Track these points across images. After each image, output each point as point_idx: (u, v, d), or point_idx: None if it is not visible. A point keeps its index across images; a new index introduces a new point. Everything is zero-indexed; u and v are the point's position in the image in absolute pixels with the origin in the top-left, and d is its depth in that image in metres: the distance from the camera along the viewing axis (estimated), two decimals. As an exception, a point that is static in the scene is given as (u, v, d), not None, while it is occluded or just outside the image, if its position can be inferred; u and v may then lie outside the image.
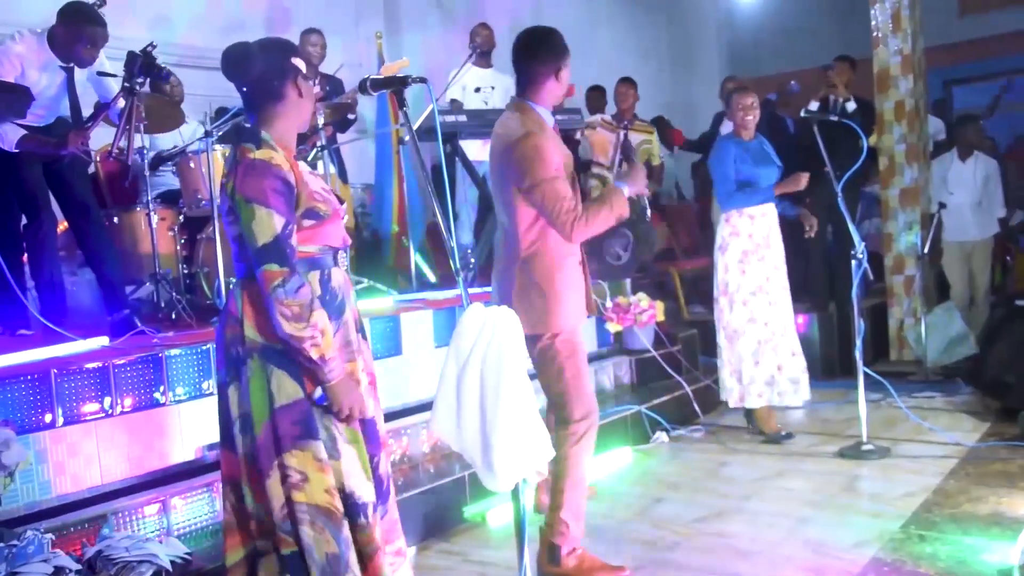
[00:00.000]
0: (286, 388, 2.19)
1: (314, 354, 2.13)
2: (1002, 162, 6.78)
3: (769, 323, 4.71)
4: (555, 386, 3.06)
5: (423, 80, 2.25)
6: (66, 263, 4.69)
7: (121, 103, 3.90)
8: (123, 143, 3.89)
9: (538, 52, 3.06)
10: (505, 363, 2.00)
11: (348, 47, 7.12)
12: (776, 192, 4.62)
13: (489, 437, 1.96)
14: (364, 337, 2.42)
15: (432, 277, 5.91)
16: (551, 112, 3.11)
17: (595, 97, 7.75)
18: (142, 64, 3.82)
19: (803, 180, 4.57)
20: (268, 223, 2.13)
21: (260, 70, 2.26)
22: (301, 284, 2.14)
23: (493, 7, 8.70)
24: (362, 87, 2.28)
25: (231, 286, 2.37)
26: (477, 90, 6.10)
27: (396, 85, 2.24)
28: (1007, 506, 3.55)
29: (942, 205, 6.38)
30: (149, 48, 3.85)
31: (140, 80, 3.85)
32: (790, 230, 4.99)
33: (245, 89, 2.28)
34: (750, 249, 4.68)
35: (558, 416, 3.10)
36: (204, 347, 3.51)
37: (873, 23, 6.67)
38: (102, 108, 4.01)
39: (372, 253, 6.29)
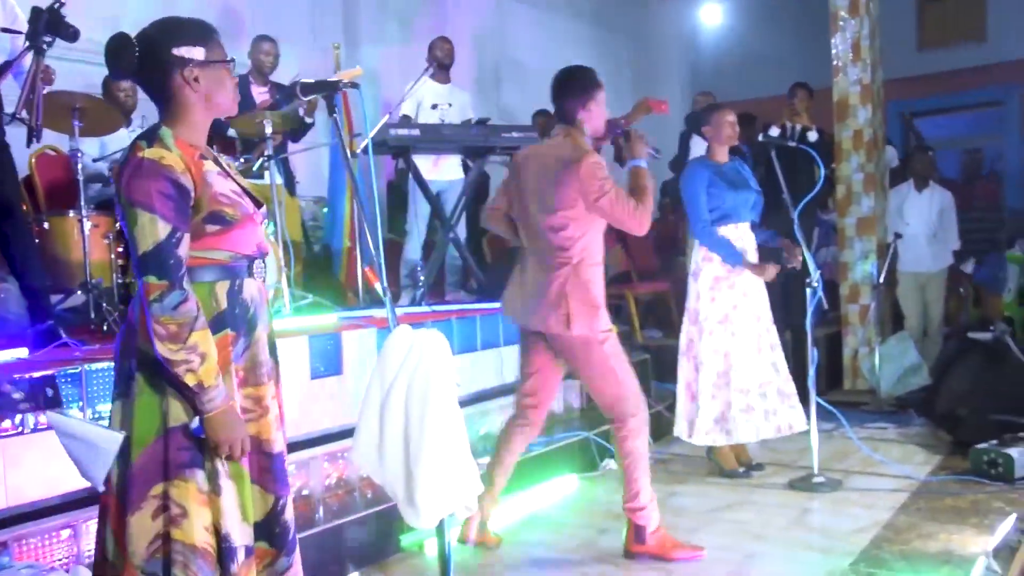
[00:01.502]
0: (175, 408, 1.98)
1: (189, 380, 1.92)
2: (957, 194, 6.80)
3: (729, 354, 4.43)
4: (609, 388, 3.41)
5: (355, 85, 2.11)
6: (-7, 270, 4.48)
7: (27, 63, 3.59)
8: (26, 116, 3.62)
9: (567, 88, 3.44)
10: (432, 390, 1.86)
11: (305, 57, 6.96)
12: (751, 270, 4.41)
13: (413, 470, 1.82)
14: (276, 361, 2.19)
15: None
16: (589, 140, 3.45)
17: (544, 123, 7.60)
18: (47, 21, 3.50)
19: (771, 272, 4.40)
20: (150, 230, 1.90)
21: (138, 63, 2.03)
22: (182, 300, 1.93)
23: (455, 23, 8.62)
24: (291, 91, 2.12)
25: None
26: (434, 107, 5.96)
27: (328, 89, 2.09)
28: (957, 543, 3.47)
29: (898, 235, 6.38)
30: (56, 5, 3.53)
31: (47, 39, 3.55)
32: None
33: (138, 84, 2.08)
34: (721, 275, 4.42)
35: (615, 416, 3.44)
36: (131, 362, 3.33)
37: (834, 51, 6.69)
38: (3, 67, 3.71)
39: (323, 268, 6.13)
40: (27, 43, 3.55)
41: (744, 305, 4.46)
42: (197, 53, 2.03)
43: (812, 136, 6.37)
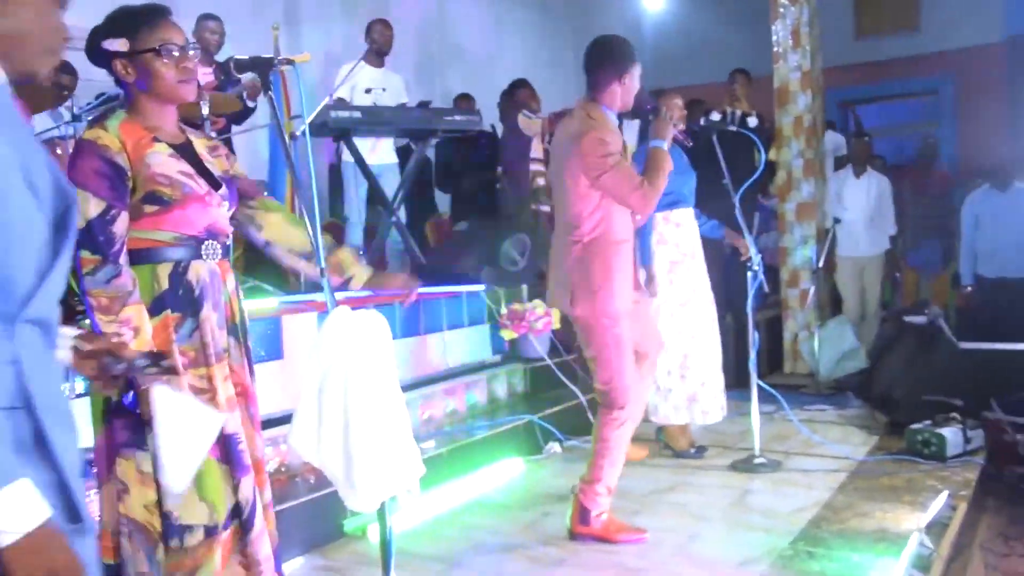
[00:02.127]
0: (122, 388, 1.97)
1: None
2: (892, 180, 6.93)
3: (695, 336, 4.49)
4: (604, 373, 3.37)
5: (290, 62, 2.07)
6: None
7: None
8: None
9: (604, 59, 3.35)
10: (371, 372, 1.82)
11: (243, 37, 6.81)
12: (726, 237, 4.51)
13: (352, 452, 1.78)
14: (240, 342, 2.20)
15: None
16: (616, 114, 3.40)
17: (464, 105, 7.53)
18: None
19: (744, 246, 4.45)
20: (84, 207, 1.95)
21: (92, 54, 2.11)
22: (115, 274, 1.96)
23: (399, 5, 8.51)
24: (226, 68, 2.07)
25: None
26: (368, 90, 5.87)
27: (262, 67, 2.04)
28: (891, 521, 3.54)
29: (837, 220, 6.48)
30: None
31: None
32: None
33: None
34: (677, 259, 4.45)
35: (602, 400, 3.42)
36: (62, 347, 3.22)
37: (774, 38, 6.75)
38: None
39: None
40: None
41: (701, 289, 4.51)
42: (120, 45, 2.07)
43: (752, 122, 6.43)
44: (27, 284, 1.17)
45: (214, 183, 2.15)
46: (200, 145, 2.21)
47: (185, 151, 2.14)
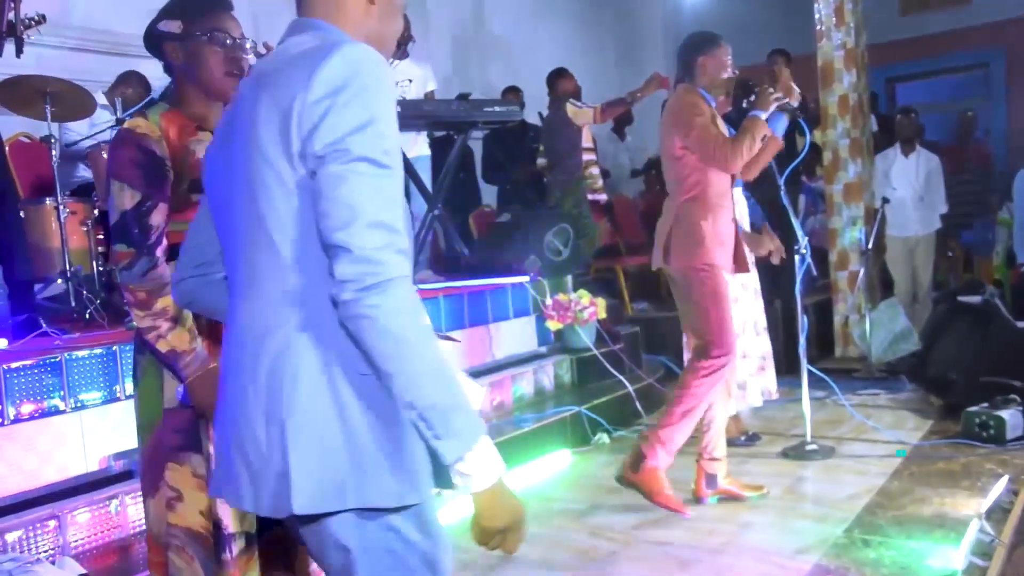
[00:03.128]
0: (169, 390, 1.97)
1: (161, 347, 1.92)
2: (949, 158, 6.77)
3: (742, 321, 4.35)
4: (698, 321, 3.50)
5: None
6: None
7: None
8: (11, 17, 3.54)
9: (686, 45, 3.69)
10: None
11: (280, 34, 6.85)
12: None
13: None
14: None
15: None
16: (708, 94, 3.64)
17: (514, 97, 7.52)
18: None
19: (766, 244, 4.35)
20: (119, 199, 1.92)
21: (148, 39, 2.08)
22: (150, 267, 1.92)
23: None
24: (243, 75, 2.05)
25: None
26: (395, 84, 5.86)
27: None
28: (950, 507, 3.46)
29: (885, 200, 6.34)
30: None
31: None
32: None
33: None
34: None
35: (696, 346, 3.55)
36: (113, 348, 3.27)
37: (817, 16, 6.62)
38: None
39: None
40: None
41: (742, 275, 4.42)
42: (174, 27, 2.02)
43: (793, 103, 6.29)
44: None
45: None
46: None
47: None
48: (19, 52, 3.73)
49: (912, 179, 6.50)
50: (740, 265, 3.64)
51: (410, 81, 5.86)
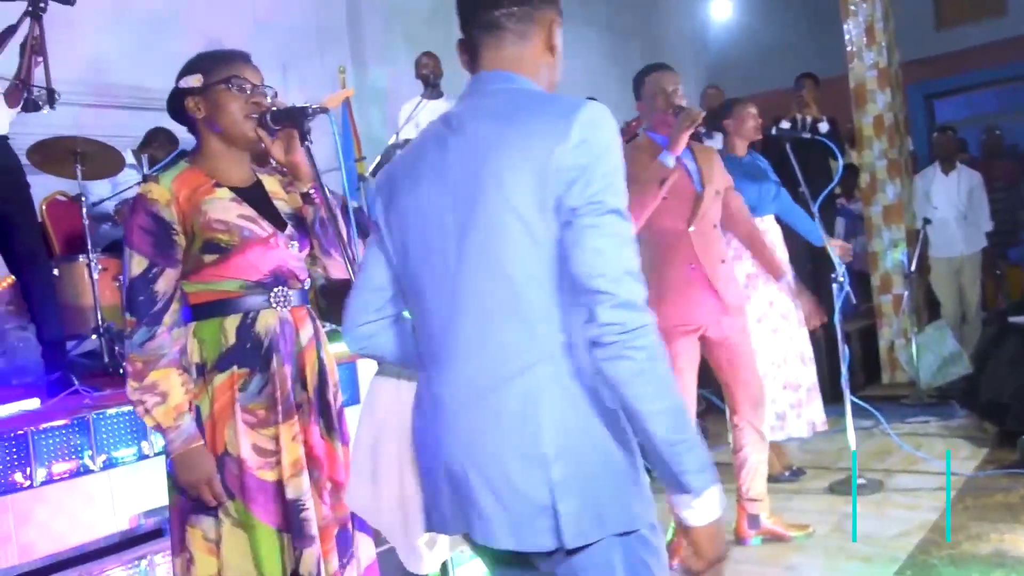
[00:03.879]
0: None
1: (147, 422, 1.93)
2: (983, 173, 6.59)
3: (771, 354, 4.23)
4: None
5: (324, 110, 2.01)
6: (14, 318, 4.46)
7: (25, 29, 3.52)
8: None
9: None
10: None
11: (311, 81, 6.93)
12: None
13: (409, 511, 1.71)
14: (312, 399, 2.08)
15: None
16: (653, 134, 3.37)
17: None
18: None
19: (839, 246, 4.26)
20: (129, 266, 1.94)
21: (171, 101, 2.11)
22: (148, 337, 1.91)
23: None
24: (262, 122, 2.02)
25: None
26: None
27: (297, 116, 1.99)
28: (1010, 543, 3.30)
29: (927, 221, 6.19)
30: None
31: (43, 3, 3.48)
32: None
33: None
34: (753, 273, 4.19)
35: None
36: (143, 405, 3.26)
37: (847, 37, 6.52)
38: (3, 35, 3.61)
39: (339, 294, 6.06)
40: (28, 8, 3.50)
41: (780, 301, 4.31)
42: (195, 80, 2.05)
43: (823, 127, 6.18)
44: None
45: (281, 224, 2.08)
46: (273, 183, 2.15)
47: (251, 193, 2.07)
48: (51, 104, 3.75)
49: (954, 198, 6.33)
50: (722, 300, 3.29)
51: None
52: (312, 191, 2.07)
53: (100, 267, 4.29)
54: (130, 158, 4.85)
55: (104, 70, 5.74)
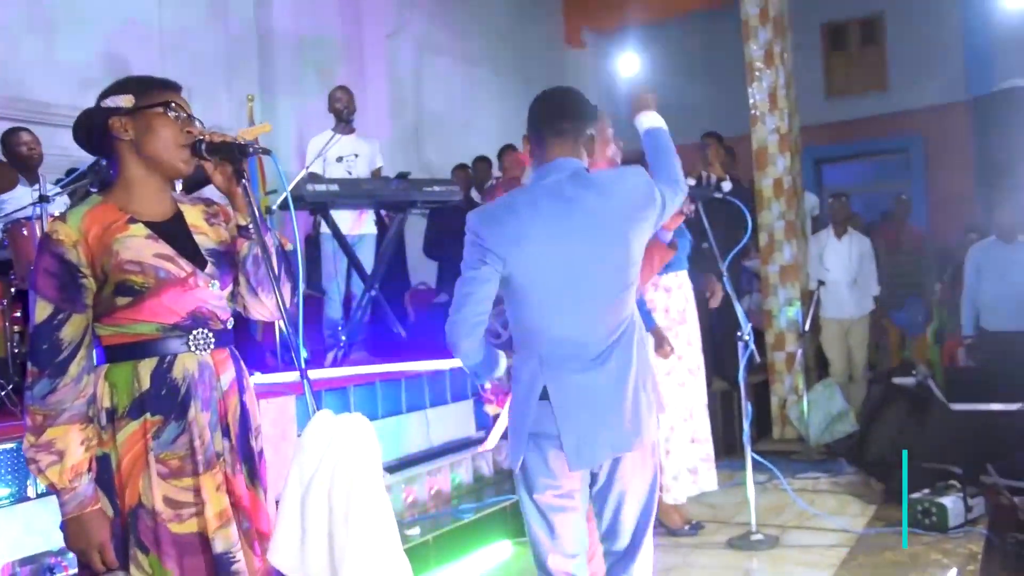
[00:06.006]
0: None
1: (40, 481, 1.80)
2: (884, 238, 6.92)
3: (679, 409, 4.33)
4: None
5: (267, 151, 1.91)
6: None
7: None
8: None
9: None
10: (356, 483, 1.68)
11: (217, 108, 6.75)
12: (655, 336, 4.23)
13: (338, 570, 1.63)
14: (235, 445, 1.95)
15: (303, 353, 5.50)
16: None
17: (482, 168, 7.53)
18: None
19: (666, 350, 4.17)
20: (33, 312, 1.81)
21: (83, 127, 1.96)
22: (50, 390, 1.79)
23: (373, 73, 8.51)
24: (195, 150, 1.91)
25: None
26: (339, 159, 5.76)
27: (234, 152, 1.88)
28: (901, 601, 3.40)
29: (821, 283, 6.43)
30: None
31: None
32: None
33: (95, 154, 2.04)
34: (666, 325, 4.27)
35: None
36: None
37: (751, 101, 6.76)
38: None
39: (239, 329, 5.85)
40: None
41: (688, 355, 4.38)
42: (125, 100, 1.92)
43: (727, 186, 6.37)
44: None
45: (201, 261, 1.95)
46: (195, 214, 2.00)
47: (170, 228, 1.93)
48: None
49: (845, 261, 6.61)
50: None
51: (356, 156, 5.79)
52: (249, 226, 1.95)
53: (-19, 290, 4.03)
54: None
55: (16, 85, 5.47)
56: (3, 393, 3.80)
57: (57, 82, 5.66)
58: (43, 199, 3.86)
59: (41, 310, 1.81)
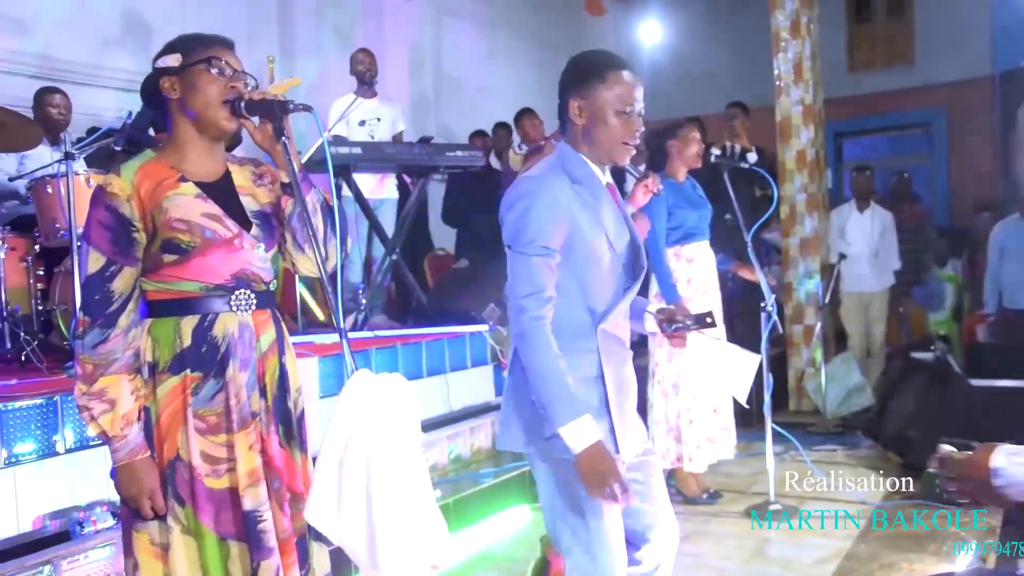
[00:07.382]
0: None
1: (91, 429, 1.82)
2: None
3: (700, 377, 4.29)
4: None
5: (308, 108, 1.90)
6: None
7: None
8: None
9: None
10: (397, 441, 1.68)
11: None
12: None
13: (375, 530, 1.63)
14: (272, 407, 1.97)
15: (320, 316, 5.52)
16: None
17: (503, 135, 7.47)
18: None
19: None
20: (85, 263, 1.83)
21: (146, 83, 1.99)
22: (101, 339, 1.81)
23: (393, 36, 8.44)
24: (234, 108, 1.90)
25: None
26: (362, 123, 5.72)
27: (274, 110, 1.87)
28: (919, 573, 3.40)
29: (843, 256, 6.39)
30: None
31: None
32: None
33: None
34: (689, 296, 4.22)
35: None
36: (53, 397, 3.06)
37: (776, 72, 6.69)
38: None
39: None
40: None
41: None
42: (173, 60, 1.93)
43: (752, 157, 6.34)
44: (605, 305, 2.09)
45: (247, 223, 1.95)
46: (243, 176, 2.01)
47: (218, 188, 1.94)
48: None
49: (867, 235, 6.56)
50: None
51: (379, 120, 5.76)
52: (290, 183, 1.95)
53: (6, 246, 4.04)
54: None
55: (34, 40, 5.43)
56: (29, 349, 3.81)
57: (80, 42, 5.63)
58: (68, 156, 3.84)
59: (94, 261, 1.83)
